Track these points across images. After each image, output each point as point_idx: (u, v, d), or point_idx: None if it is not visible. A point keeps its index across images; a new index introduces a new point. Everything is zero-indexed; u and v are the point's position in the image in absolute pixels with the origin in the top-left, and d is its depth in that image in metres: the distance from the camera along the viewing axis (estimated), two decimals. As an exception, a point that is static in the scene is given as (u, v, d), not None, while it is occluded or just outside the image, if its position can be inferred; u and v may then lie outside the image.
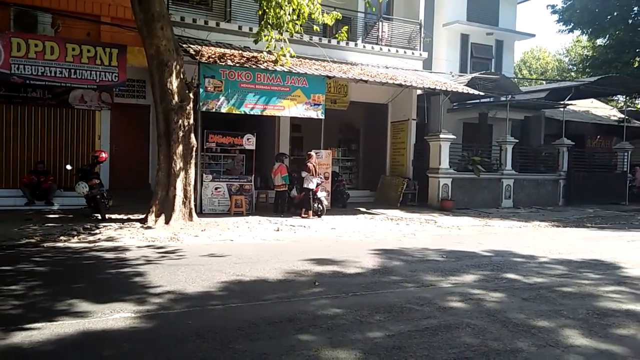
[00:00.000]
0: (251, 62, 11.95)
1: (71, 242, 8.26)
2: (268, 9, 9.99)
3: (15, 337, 4.01)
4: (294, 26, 10.27)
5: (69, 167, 11.34)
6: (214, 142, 12.36)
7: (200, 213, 11.58)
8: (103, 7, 12.70)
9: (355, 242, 9.34)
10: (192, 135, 10.71)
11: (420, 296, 5.53)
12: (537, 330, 4.52)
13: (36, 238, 8.36)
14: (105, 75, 12.06)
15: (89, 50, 11.87)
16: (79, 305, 4.84)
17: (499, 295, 5.66)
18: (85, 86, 12.17)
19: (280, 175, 12.62)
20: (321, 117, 13.01)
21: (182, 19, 13.26)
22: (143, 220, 10.25)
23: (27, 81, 11.49)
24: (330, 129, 15.06)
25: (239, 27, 14.02)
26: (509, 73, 20.90)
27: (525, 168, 17.02)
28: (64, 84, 11.92)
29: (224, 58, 11.71)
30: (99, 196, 10.69)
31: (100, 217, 10.59)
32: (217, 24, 13.83)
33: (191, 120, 10.67)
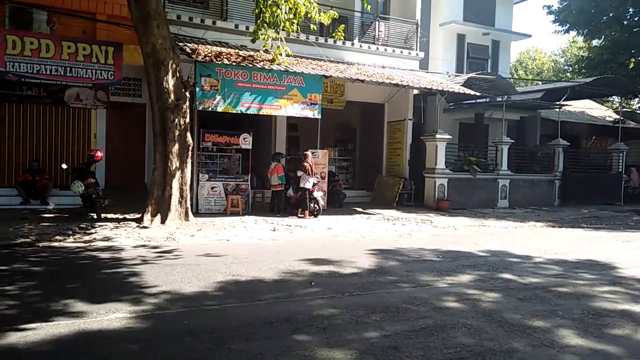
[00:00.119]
0: (248, 61, 11.93)
1: (67, 242, 8.22)
2: (265, 8, 9.97)
3: (10, 338, 3.99)
4: (291, 25, 10.25)
5: (65, 166, 11.29)
6: (210, 142, 12.33)
7: (196, 213, 11.56)
8: (99, 5, 12.65)
9: (351, 242, 9.35)
10: (188, 134, 10.69)
11: (416, 296, 5.54)
12: (533, 330, 4.53)
13: (31, 237, 8.32)
14: (101, 73, 12.00)
15: (84, 48, 11.81)
16: (75, 306, 4.83)
17: (494, 296, 5.68)
18: (81, 84, 12.12)
19: (277, 175, 12.61)
20: (318, 117, 13.00)
21: (179, 17, 13.23)
22: (139, 220, 10.22)
23: (22, 79, 11.42)
24: (326, 129, 15.06)
25: (236, 26, 14.00)
26: (505, 73, 20.97)
27: (521, 168, 17.06)
28: (59, 82, 11.86)
29: (221, 57, 11.68)
30: (94, 195, 10.64)
31: (96, 217, 10.55)
32: (214, 23, 13.80)
33: (187, 119, 10.65)
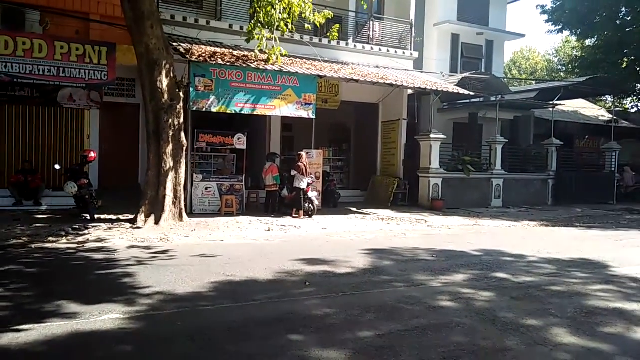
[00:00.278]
0: (242, 61, 11.91)
1: (60, 243, 8.18)
2: (259, 8, 9.95)
3: (2, 339, 3.97)
4: (285, 25, 10.25)
5: (58, 167, 11.23)
6: (204, 142, 12.30)
7: (190, 213, 11.53)
8: (92, 5, 12.58)
9: (346, 242, 9.35)
10: (182, 134, 10.66)
11: (410, 296, 5.55)
12: (526, 329, 4.56)
13: (24, 239, 8.28)
14: (94, 73, 11.93)
15: (77, 49, 11.73)
16: (68, 307, 4.80)
17: (488, 295, 5.70)
18: (74, 85, 12.04)
19: (272, 175, 12.60)
20: (312, 117, 12.99)
21: (173, 17, 13.19)
22: (132, 221, 10.18)
23: (15, 80, 11.33)
24: (321, 129, 15.05)
25: (230, 26, 13.97)
26: (499, 73, 21.03)
27: (515, 168, 17.11)
28: (52, 83, 11.78)
29: (215, 57, 11.65)
30: (88, 196, 10.60)
31: (89, 218, 10.51)
32: (208, 23, 13.77)
33: (181, 120, 10.61)
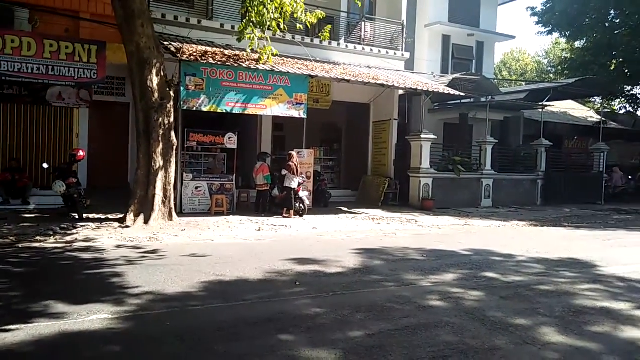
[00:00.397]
0: (233, 61, 11.87)
1: (48, 242, 8.10)
2: (251, 8, 9.93)
3: (-12, 340, 3.92)
4: (277, 25, 10.23)
5: (46, 166, 11.13)
6: (194, 141, 12.24)
7: (180, 213, 11.47)
8: (82, 3, 12.47)
9: (336, 242, 9.36)
10: (173, 133, 10.60)
11: (400, 295, 5.57)
12: (515, 328, 4.59)
13: (11, 238, 8.19)
14: (83, 72, 11.83)
15: (67, 47, 11.62)
16: (55, 307, 4.76)
17: (477, 294, 5.73)
18: (63, 83, 11.93)
19: (263, 175, 12.58)
20: (303, 117, 12.98)
21: (164, 16, 13.12)
22: (121, 220, 10.11)
23: (3, 77, 11.20)
24: (312, 129, 15.05)
25: (221, 25, 13.93)
26: (489, 74, 21.16)
27: (505, 168, 17.22)
28: (41, 81, 11.66)
29: (206, 56, 11.61)
30: (76, 195, 10.50)
31: (77, 217, 10.41)
32: (199, 22, 13.72)
33: (171, 119, 10.56)
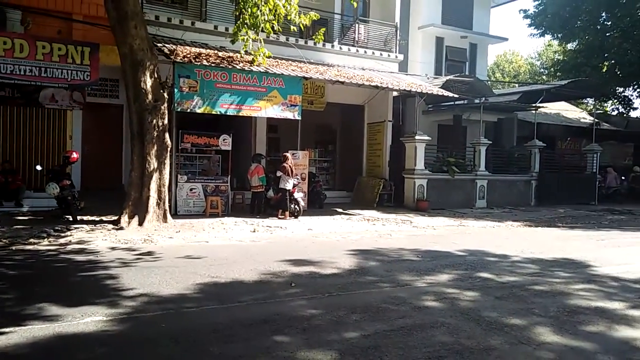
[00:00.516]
0: (227, 62, 11.86)
1: (41, 245, 8.05)
2: (245, 9, 9.93)
3: (-19, 343, 3.89)
4: (272, 27, 10.23)
5: (39, 168, 11.07)
6: (189, 143, 12.21)
7: (174, 214, 11.44)
8: (75, 5, 12.42)
9: (331, 243, 9.35)
10: (167, 135, 10.57)
11: (396, 296, 5.57)
12: (510, 328, 4.60)
13: (4, 240, 8.12)
14: (76, 74, 11.78)
15: (60, 49, 11.57)
16: (49, 309, 4.72)
17: (472, 294, 5.74)
18: (56, 85, 11.87)
19: (258, 176, 12.55)
20: (298, 118, 12.99)
21: (157, 17, 13.09)
22: (116, 222, 10.06)
23: (-5, 79, 11.17)
24: (307, 130, 15.05)
25: (215, 27, 13.91)
26: (482, 76, 21.24)
27: (499, 169, 17.29)
28: (34, 83, 11.60)
29: (200, 58, 11.59)
30: (70, 197, 10.45)
31: (71, 219, 10.36)
32: (193, 24, 13.69)
33: (165, 121, 10.52)
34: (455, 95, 15.70)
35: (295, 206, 12.42)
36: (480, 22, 21.97)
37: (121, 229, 9.64)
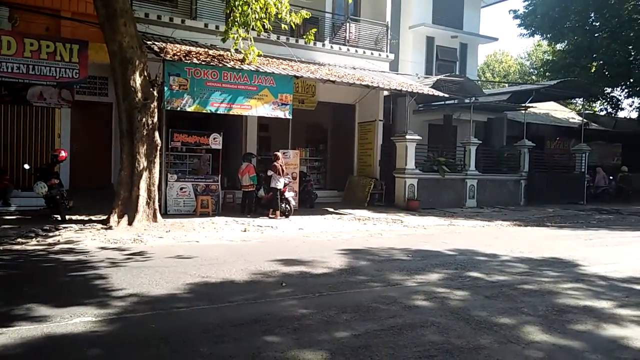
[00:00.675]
0: (217, 61, 11.81)
1: (29, 245, 7.97)
2: (235, 8, 9.89)
3: (-33, 344, 3.84)
4: (262, 25, 10.20)
5: (27, 167, 10.95)
6: (179, 142, 12.14)
7: (165, 214, 11.37)
8: (63, 2, 12.27)
9: (322, 242, 9.35)
10: (157, 134, 10.51)
11: (386, 295, 5.58)
12: (499, 327, 4.63)
13: (-9, 240, 8.04)
14: (65, 71, 11.67)
15: (48, 46, 11.47)
16: (38, 310, 4.68)
17: (462, 294, 5.77)
18: (44, 83, 11.76)
19: (248, 176, 12.51)
20: (289, 117, 12.97)
21: (147, 15, 13.00)
22: (105, 222, 9.99)
23: (-18, 77, 11.04)
24: (298, 129, 15.03)
25: (205, 25, 13.84)
26: (472, 76, 21.36)
27: (489, 169, 17.39)
28: (21, 80, 11.48)
29: (190, 56, 11.53)
30: (58, 196, 10.35)
31: (60, 218, 10.26)
32: (183, 22, 13.62)
33: (155, 119, 10.47)
34: (446, 95, 15.78)
35: (286, 205, 12.40)
36: (470, 22, 22.07)
37: (110, 228, 9.57)
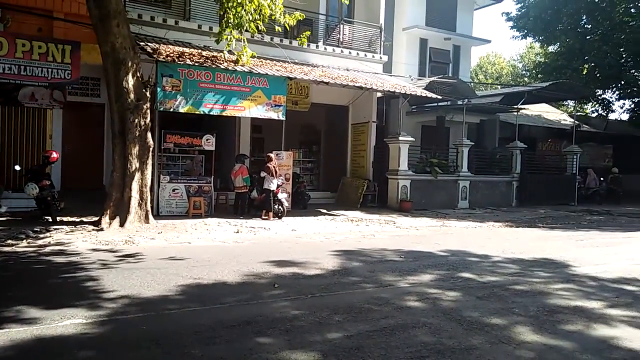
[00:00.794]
0: (211, 62, 11.79)
1: (20, 246, 7.91)
2: (229, 9, 9.88)
3: (-44, 347, 3.81)
4: (256, 26, 10.20)
5: (18, 168, 10.88)
6: (171, 143, 12.10)
7: (157, 215, 11.33)
8: (56, 2, 12.21)
9: (315, 244, 9.36)
10: (149, 135, 10.47)
11: (378, 296, 5.59)
12: (491, 327, 4.65)
13: (-19, 242, 7.97)
14: (57, 72, 11.60)
15: (40, 47, 11.40)
16: (28, 312, 4.64)
17: (454, 294, 5.79)
18: (36, 83, 11.69)
19: (242, 177, 12.49)
20: (282, 118, 12.97)
21: (140, 16, 12.96)
22: (96, 223, 9.93)
23: (-27, 77, 10.95)
24: (291, 130, 15.03)
25: (199, 26, 13.82)
26: (465, 77, 21.44)
27: (481, 170, 17.46)
28: (13, 81, 11.40)
29: (183, 57, 11.51)
30: (49, 198, 10.29)
31: (51, 220, 10.20)
32: (176, 23, 13.59)
33: (148, 120, 10.43)
34: (439, 97, 15.83)
35: (279, 207, 12.39)
36: (463, 24, 22.18)
37: (102, 230, 9.51)
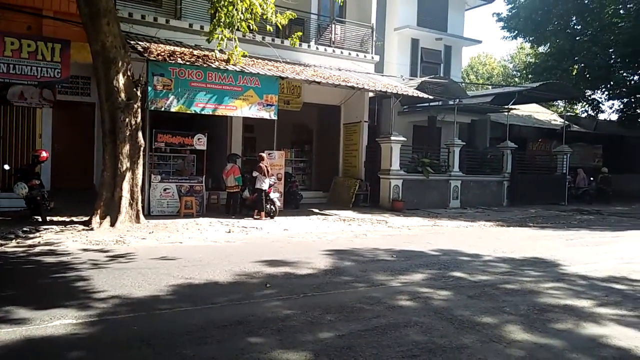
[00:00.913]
0: (202, 61, 11.75)
1: (8, 247, 7.83)
2: (220, 8, 9.85)
3: (-57, 348, 3.76)
4: (248, 26, 10.17)
5: (7, 167, 10.78)
6: (163, 142, 12.04)
7: (148, 215, 11.26)
8: (45, 0, 12.10)
9: (307, 243, 9.35)
10: (140, 134, 10.42)
11: (370, 296, 5.60)
12: (482, 326, 4.67)
13: (-31, 242, 7.89)
14: (46, 71, 11.51)
15: (29, 45, 11.31)
16: (17, 312, 4.60)
17: (446, 294, 5.82)
18: (25, 82, 11.58)
19: (233, 177, 12.45)
20: (274, 118, 12.95)
21: (130, 15, 12.88)
22: (87, 223, 9.87)
23: (-39, 76, 10.84)
24: (283, 130, 15.02)
25: (190, 25, 13.76)
26: (456, 77, 21.55)
27: (472, 170, 17.54)
28: (2, 80, 11.29)
29: (174, 56, 11.45)
30: (39, 197, 10.20)
31: (40, 220, 10.11)
32: (167, 21, 13.52)
33: (138, 119, 10.38)
34: (430, 97, 15.89)
35: (271, 206, 12.38)
36: (454, 25, 22.28)
37: (92, 229, 9.45)
